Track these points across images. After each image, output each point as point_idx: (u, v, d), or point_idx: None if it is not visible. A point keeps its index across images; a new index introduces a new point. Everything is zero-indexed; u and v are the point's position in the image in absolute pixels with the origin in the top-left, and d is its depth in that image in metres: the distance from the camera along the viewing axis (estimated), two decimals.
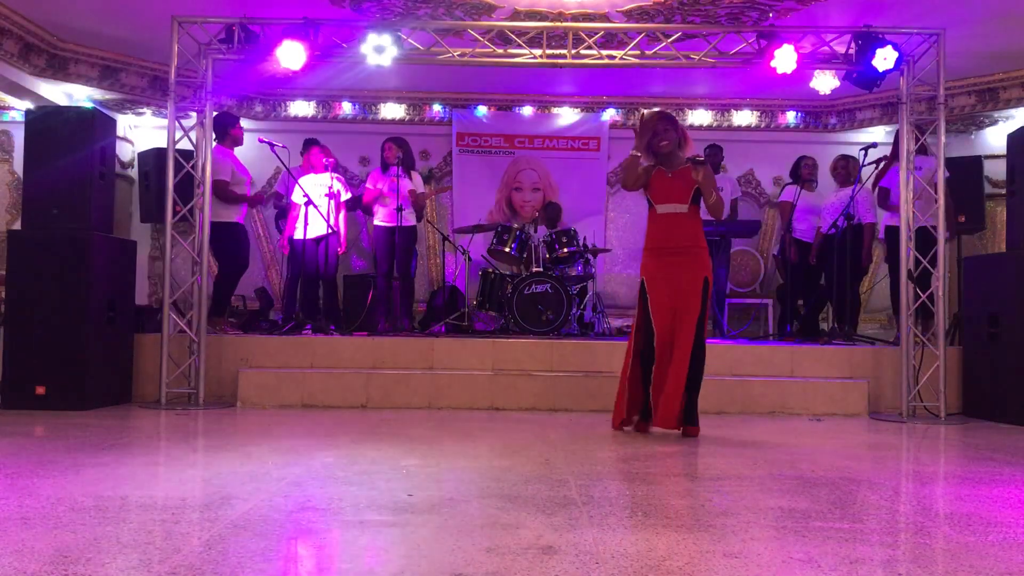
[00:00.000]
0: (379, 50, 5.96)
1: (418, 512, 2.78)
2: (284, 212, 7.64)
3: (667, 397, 4.50)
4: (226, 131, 6.70)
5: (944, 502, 3.18)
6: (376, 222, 7.53)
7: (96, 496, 2.91)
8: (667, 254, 4.61)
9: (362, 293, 7.91)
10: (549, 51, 6.24)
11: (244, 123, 7.28)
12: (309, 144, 7.51)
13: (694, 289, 4.55)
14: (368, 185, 7.60)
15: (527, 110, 9.41)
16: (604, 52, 6.26)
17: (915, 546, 2.53)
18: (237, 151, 6.92)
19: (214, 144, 6.61)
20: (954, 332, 6.69)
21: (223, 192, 6.55)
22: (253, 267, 8.14)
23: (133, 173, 8.91)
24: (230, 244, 6.67)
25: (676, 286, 4.55)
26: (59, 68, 7.59)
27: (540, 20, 6.65)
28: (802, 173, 7.70)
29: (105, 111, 7.20)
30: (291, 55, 5.85)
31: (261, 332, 6.86)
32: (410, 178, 7.45)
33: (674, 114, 4.85)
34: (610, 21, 6.87)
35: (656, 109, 4.87)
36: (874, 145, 6.72)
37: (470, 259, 7.85)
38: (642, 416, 4.75)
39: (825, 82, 7.62)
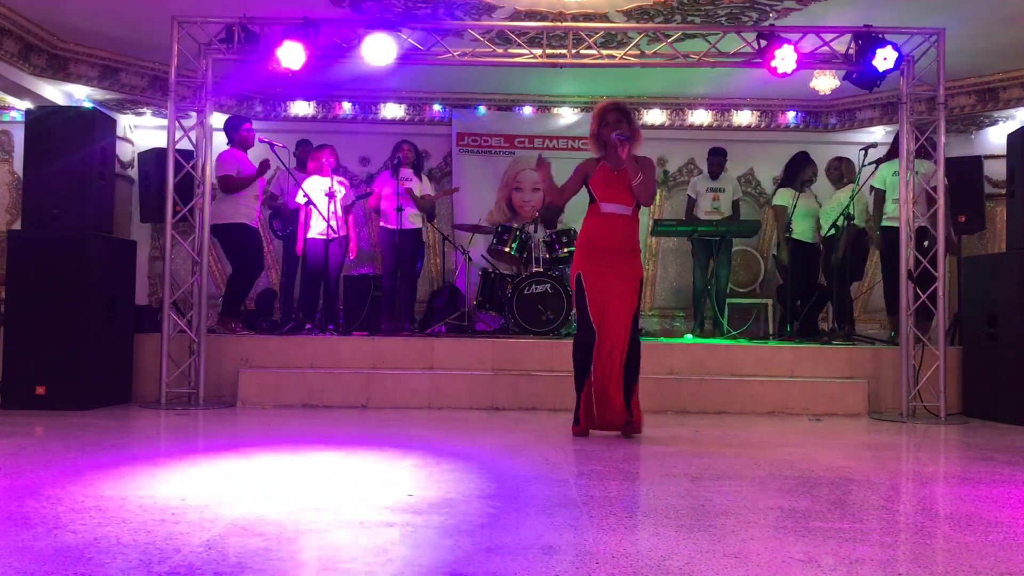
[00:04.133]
0: (379, 50, 5.96)
1: (418, 512, 2.78)
2: (278, 212, 7.61)
3: (611, 398, 4.43)
4: (235, 133, 6.70)
5: (944, 502, 3.18)
6: (380, 224, 7.56)
7: (96, 496, 2.91)
8: (607, 253, 4.50)
9: (362, 293, 7.90)
10: (549, 51, 6.24)
11: None
12: (321, 146, 7.46)
13: (631, 292, 4.49)
14: (375, 188, 7.66)
15: (527, 110, 9.40)
16: (604, 52, 6.26)
17: (915, 546, 2.53)
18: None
19: (226, 147, 6.61)
20: (954, 332, 6.69)
21: (228, 184, 6.49)
22: None
23: (133, 173, 8.90)
24: (239, 246, 6.63)
25: (612, 287, 4.46)
26: (59, 68, 7.58)
27: (540, 20, 6.65)
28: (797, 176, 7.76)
29: (105, 111, 7.20)
30: (291, 55, 5.85)
31: (261, 332, 6.85)
32: (420, 179, 7.46)
33: (635, 109, 4.77)
34: (610, 21, 6.86)
35: (611, 100, 4.78)
36: (874, 145, 6.74)
37: (470, 259, 7.85)
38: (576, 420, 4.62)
39: (825, 82, 7.61)
